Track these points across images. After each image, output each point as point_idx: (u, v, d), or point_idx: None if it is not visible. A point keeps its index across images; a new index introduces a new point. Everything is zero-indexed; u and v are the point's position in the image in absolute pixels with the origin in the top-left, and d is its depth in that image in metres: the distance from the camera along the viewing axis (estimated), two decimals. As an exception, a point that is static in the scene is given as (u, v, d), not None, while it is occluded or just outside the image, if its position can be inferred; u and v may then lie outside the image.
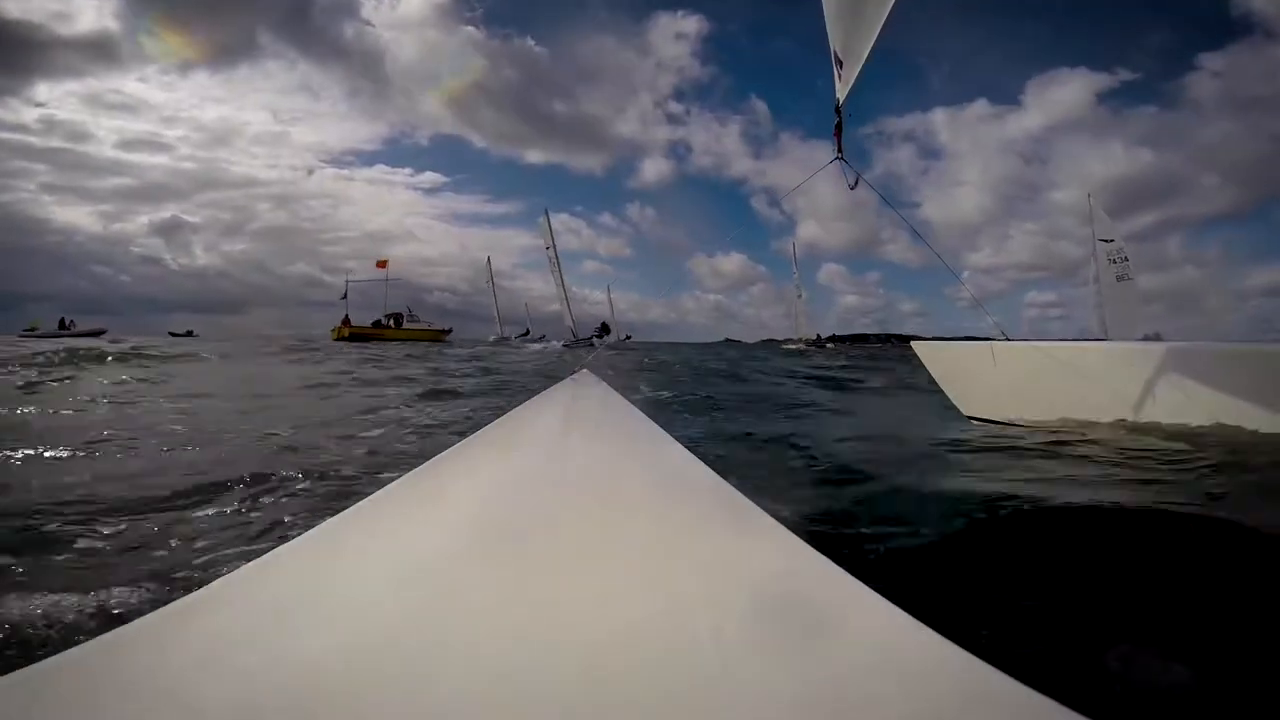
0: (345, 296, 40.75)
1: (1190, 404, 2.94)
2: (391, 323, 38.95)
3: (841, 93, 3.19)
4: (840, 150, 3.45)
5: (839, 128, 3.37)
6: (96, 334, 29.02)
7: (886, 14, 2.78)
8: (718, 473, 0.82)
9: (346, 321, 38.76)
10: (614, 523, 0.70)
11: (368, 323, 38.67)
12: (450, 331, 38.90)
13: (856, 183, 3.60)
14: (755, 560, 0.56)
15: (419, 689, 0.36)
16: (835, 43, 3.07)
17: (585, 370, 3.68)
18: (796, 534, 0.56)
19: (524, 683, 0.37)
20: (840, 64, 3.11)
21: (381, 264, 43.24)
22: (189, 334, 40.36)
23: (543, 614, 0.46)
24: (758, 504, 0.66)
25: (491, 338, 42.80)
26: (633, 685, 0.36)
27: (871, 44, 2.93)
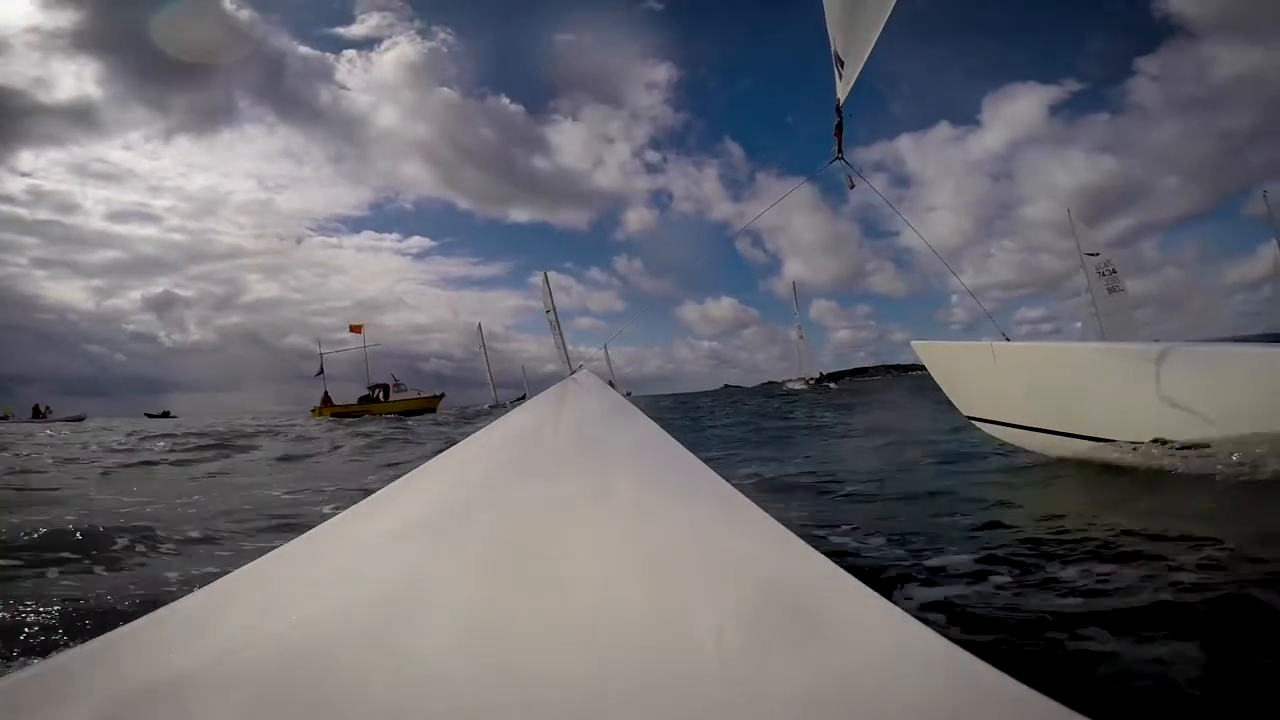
0: (321, 372, 36.14)
1: (1191, 404, 2.94)
2: (380, 395, 34.65)
3: (842, 93, 3.21)
4: (840, 151, 3.47)
5: (839, 128, 3.39)
6: (76, 420, 26.83)
7: (888, 13, 2.81)
8: (718, 473, 0.82)
9: (326, 400, 34.67)
10: (614, 521, 0.70)
11: (354, 396, 34.96)
12: (442, 398, 34.82)
13: (854, 184, 3.62)
14: (756, 559, 0.56)
15: (417, 686, 0.36)
16: (836, 43, 3.10)
17: (585, 370, 3.67)
18: (797, 535, 0.56)
19: (523, 678, 0.37)
20: (841, 64, 3.14)
21: (356, 329, 38.23)
22: (165, 414, 36.04)
23: (535, 607, 0.46)
24: (759, 505, 0.66)
25: (487, 404, 39.01)
26: (632, 683, 0.37)
27: (873, 43, 2.95)
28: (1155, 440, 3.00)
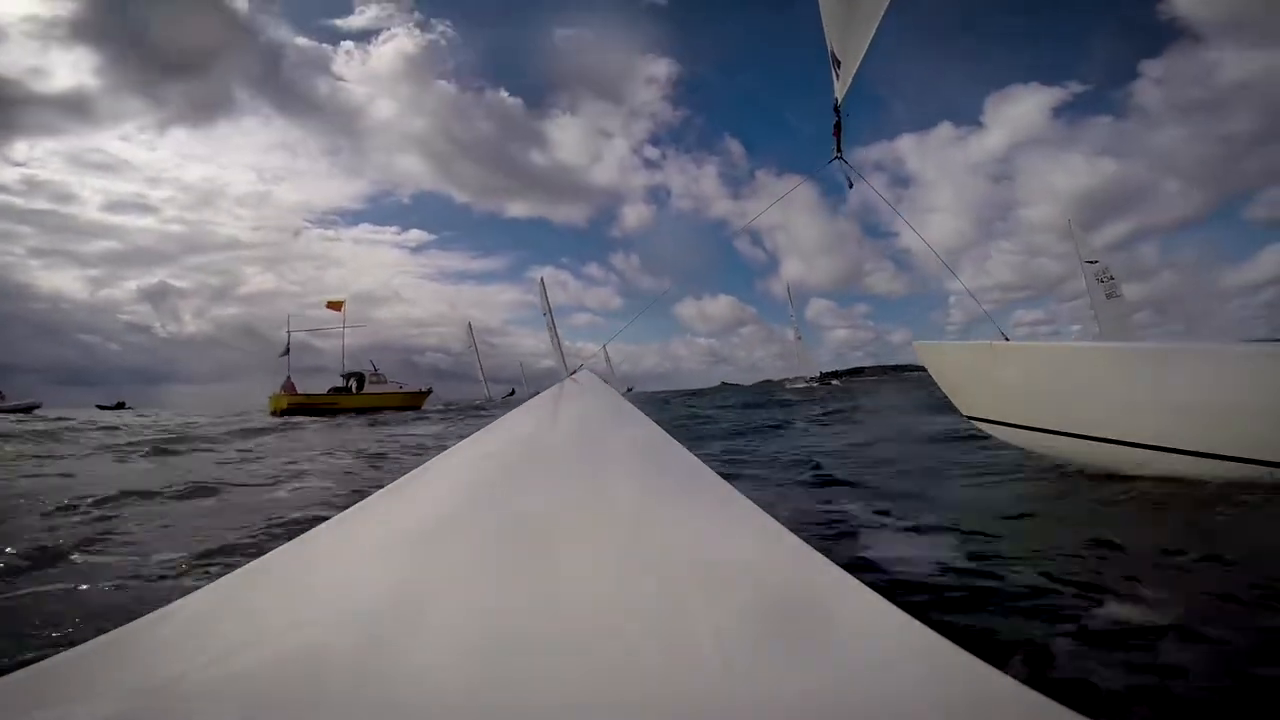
0: (287, 352, 29.17)
1: (1193, 404, 2.92)
2: (353, 385, 28.66)
3: (840, 92, 3.23)
4: (840, 150, 3.48)
5: (838, 127, 3.40)
6: (29, 409, 24.90)
7: (883, 12, 2.82)
8: (720, 474, 0.82)
9: (290, 385, 27.79)
10: (614, 522, 0.69)
11: (325, 388, 28.68)
12: (429, 394, 29.65)
13: (853, 183, 3.62)
14: (756, 560, 0.56)
15: (416, 689, 0.36)
16: (832, 43, 3.11)
17: (585, 370, 3.66)
18: (797, 535, 0.57)
19: (523, 681, 0.37)
20: (838, 64, 3.15)
21: (335, 306, 31.65)
22: (120, 405, 31.50)
23: (536, 609, 0.46)
24: (760, 506, 0.66)
25: (478, 401, 35.96)
26: (632, 685, 0.36)
27: (868, 43, 2.97)
28: (1156, 440, 2.98)
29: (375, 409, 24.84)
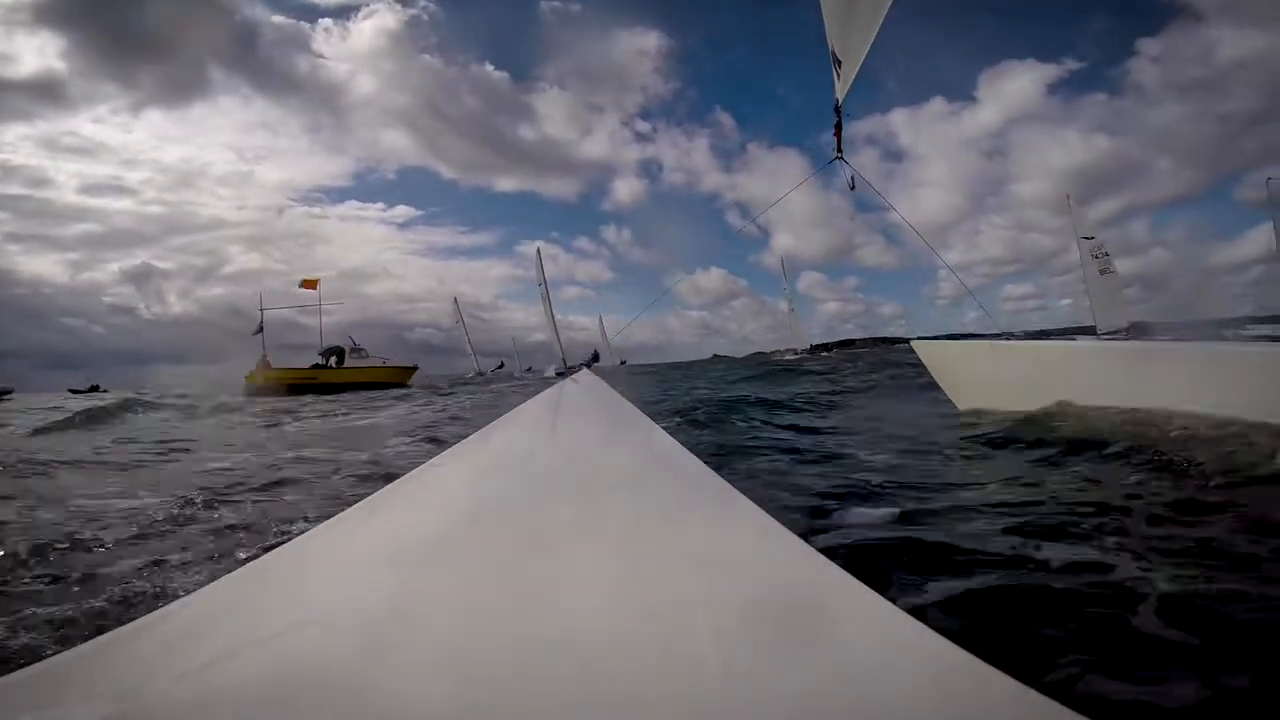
0: (260, 330, 28.76)
1: (1188, 400, 2.96)
2: (333, 361, 27.84)
3: (841, 92, 3.17)
4: (840, 150, 3.43)
5: (838, 127, 3.36)
6: (2, 394, 24.01)
7: (884, 14, 2.76)
8: (721, 474, 0.81)
9: (265, 364, 27.22)
10: (608, 519, 0.69)
11: (307, 364, 27.79)
12: (414, 370, 28.64)
13: (854, 184, 3.58)
14: (756, 561, 0.56)
15: (411, 684, 0.37)
16: (834, 43, 3.04)
17: (585, 370, 3.64)
18: (797, 535, 0.56)
19: (516, 675, 0.37)
20: (839, 64, 3.09)
21: (309, 284, 30.88)
22: (94, 389, 30.18)
23: (535, 608, 0.46)
24: (760, 505, 0.66)
25: (470, 374, 35.86)
26: (632, 686, 0.36)
27: (869, 44, 2.90)
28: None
29: (356, 385, 23.48)
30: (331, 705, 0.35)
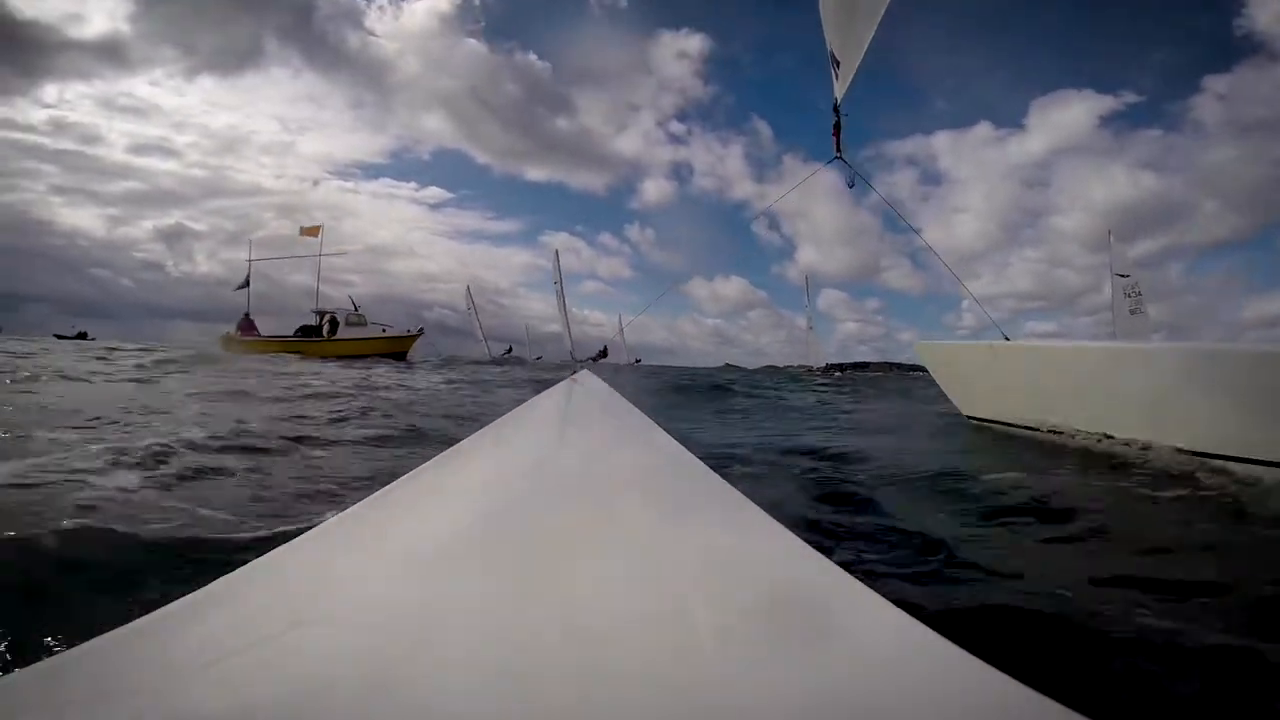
0: (247, 283, 25.25)
1: (1190, 403, 2.90)
2: (327, 325, 24.29)
3: (839, 92, 3.29)
4: (839, 150, 3.54)
5: (837, 127, 3.46)
6: None
7: (880, 14, 2.89)
8: (720, 474, 0.83)
9: (247, 324, 24.07)
10: (614, 521, 0.70)
11: (293, 330, 24.46)
12: (419, 335, 25.07)
13: (854, 182, 3.68)
14: (755, 559, 0.57)
15: (419, 687, 0.37)
16: (832, 43, 3.18)
17: (586, 370, 3.70)
18: (802, 538, 0.57)
19: (523, 678, 0.37)
20: (837, 64, 3.22)
21: (310, 231, 26.78)
22: (81, 336, 28.56)
23: (542, 611, 0.47)
24: (759, 505, 0.67)
25: (477, 356, 33.54)
26: (632, 681, 0.37)
27: (866, 44, 3.04)
28: (1155, 439, 2.96)
29: (349, 356, 20.27)
30: (339, 707, 0.35)
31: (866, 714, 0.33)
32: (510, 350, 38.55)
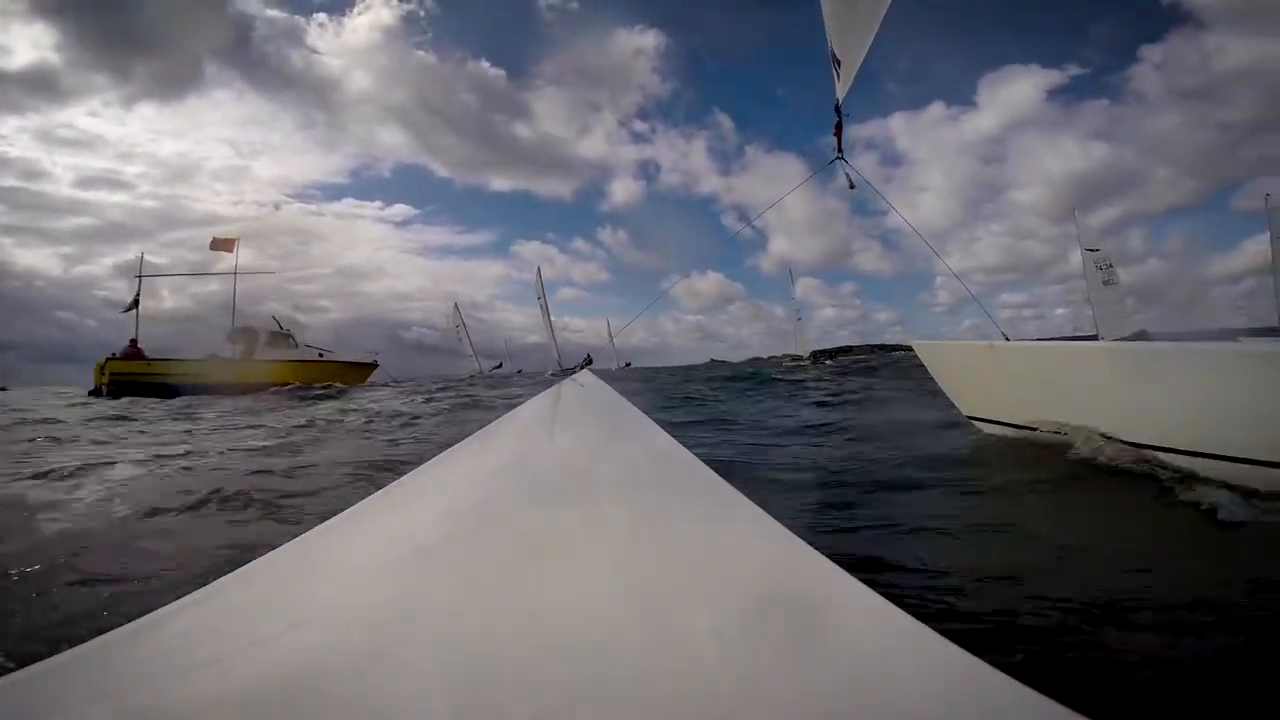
0: (136, 304, 20.55)
1: (1191, 404, 2.94)
2: (240, 347, 20.32)
3: (841, 92, 3.20)
4: (840, 150, 3.46)
5: (839, 127, 3.38)
6: None
7: (883, 13, 2.79)
8: (720, 473, 0.81)
9: (133, 350, 19.29)
10: (602, 519, 0.70)
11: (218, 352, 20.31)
12: (373, 368, 21.45)
13: (853, 184, 3.60)
14: (757, 562, 0.56)
15: (409, 683, 0.37)
16: (833, 43, 3.07)
17: (585, 370, 3.65)
18: (800, 537, 0.56)
19: (512, 675, 0.37)
20: (838, 64, 3.12)
21: (223, 245, 22.17)
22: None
23: (523, 609, 0.47)
24: (758, 504, 0.65)
25: (469, 374, 31.50)
26: (633, 688, 0.36)
27: (869, 44, 2.94)
28: (1155, 440, 3.01)
29: (256, 387, 16.05)
30: (333, 706, 0.35)
31: (861, 712, 0.33)
32: (500, 365, 36.58)
